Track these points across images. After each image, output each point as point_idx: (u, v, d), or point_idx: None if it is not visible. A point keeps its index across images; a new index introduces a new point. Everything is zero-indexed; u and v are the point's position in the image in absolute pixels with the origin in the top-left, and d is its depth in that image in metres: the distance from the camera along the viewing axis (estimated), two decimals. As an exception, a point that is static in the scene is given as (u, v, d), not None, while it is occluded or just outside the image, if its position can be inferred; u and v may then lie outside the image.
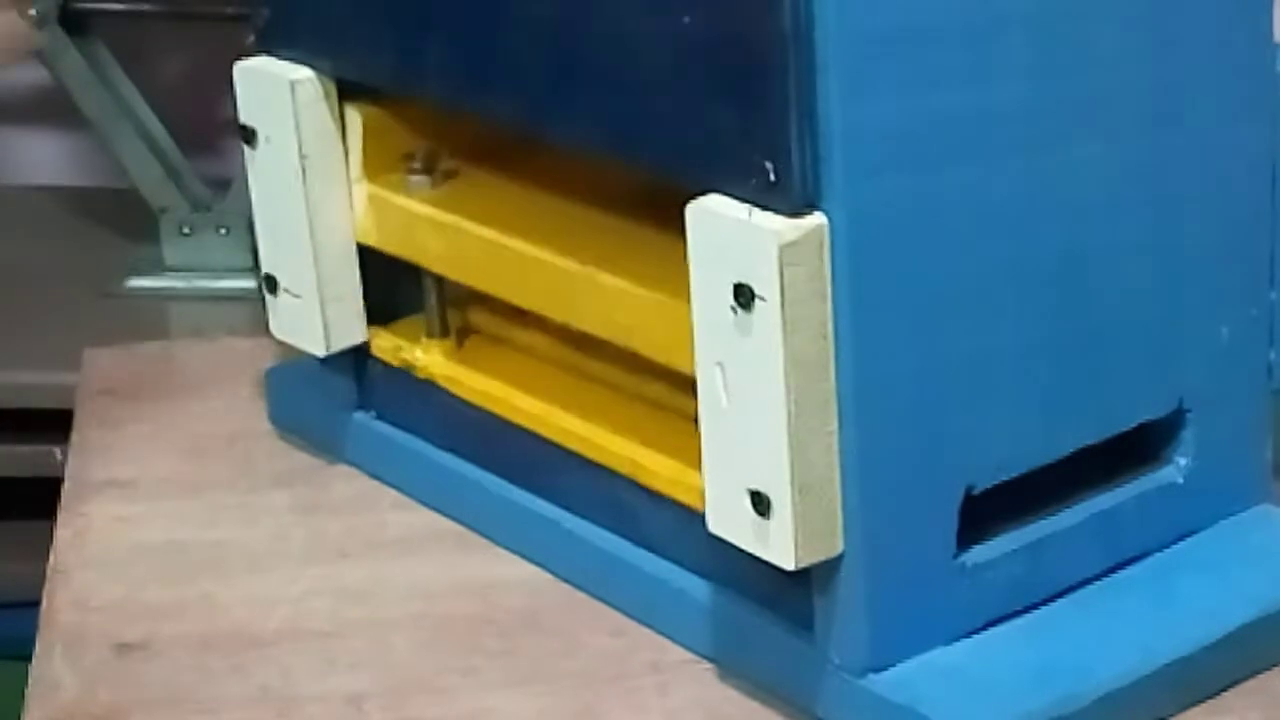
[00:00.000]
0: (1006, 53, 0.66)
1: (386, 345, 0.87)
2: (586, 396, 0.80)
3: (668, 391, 0.73)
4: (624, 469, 0.77)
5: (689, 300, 0.67)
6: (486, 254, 0.79)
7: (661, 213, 0.69)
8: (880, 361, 0.66)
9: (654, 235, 0.71)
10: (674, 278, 0.68)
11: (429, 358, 0.85)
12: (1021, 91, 0.67)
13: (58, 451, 0.95)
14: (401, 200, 0.83)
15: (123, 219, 1.50)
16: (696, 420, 0.69)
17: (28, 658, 0.78)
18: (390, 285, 0.86)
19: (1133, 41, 0.69)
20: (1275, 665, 0.72)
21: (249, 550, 0.85)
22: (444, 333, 0.86)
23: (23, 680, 0.76)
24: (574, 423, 0.79)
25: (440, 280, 0.85)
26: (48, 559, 0.84)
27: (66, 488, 0.89)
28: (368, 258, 0.86)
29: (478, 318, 0.86)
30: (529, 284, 0.78)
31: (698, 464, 0.70)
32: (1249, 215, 0.75)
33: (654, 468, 0.75)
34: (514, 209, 0.79)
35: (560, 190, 0.78)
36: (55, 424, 1.00)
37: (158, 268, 1.44)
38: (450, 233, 0.81)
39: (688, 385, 0.69)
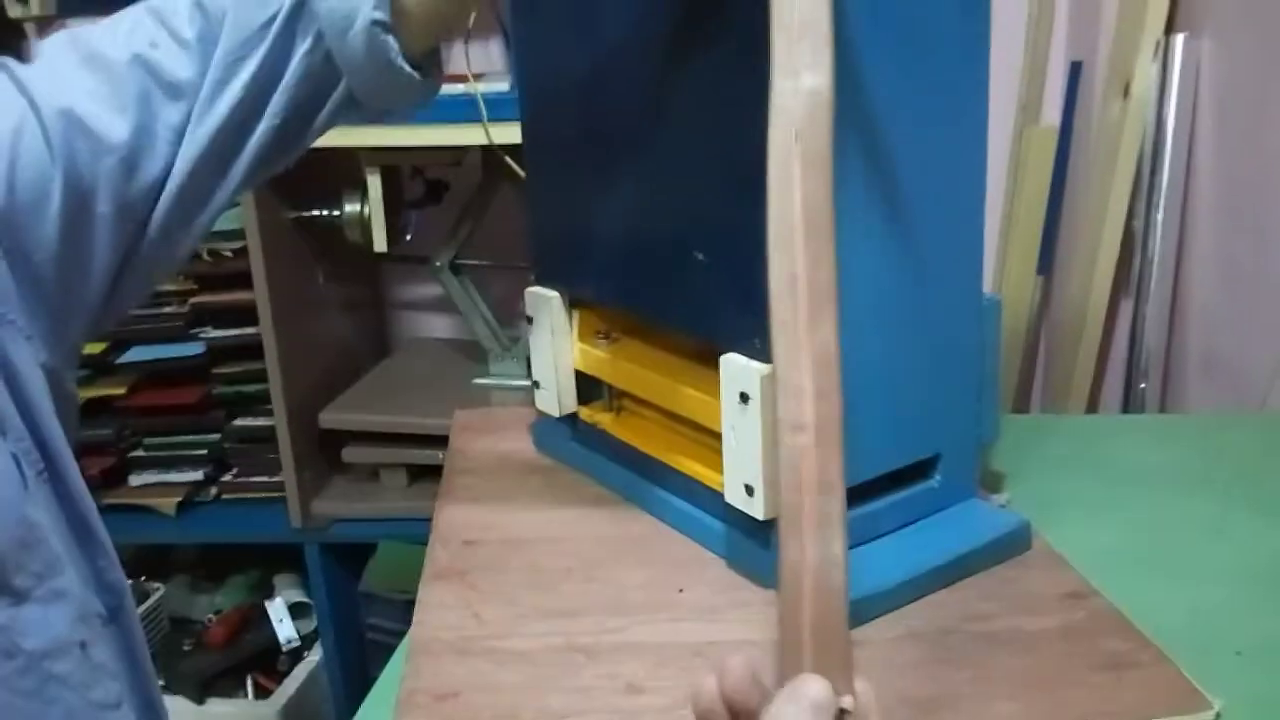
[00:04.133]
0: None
1: (586, 413, 0.86)
2: (675, 440, 0.79)
3: (710, 439, 0.72)
4: (691, 472, 0.76)
5: (719, 398, 0.67)
6: (630, 374, 0.79)
7: (709, 359, 0.68)
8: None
9: (705, 369, 0.71)
10: (714, 388, 0.68)
11: (604, 419, 0.85)
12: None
13: (440, 454, 0.95)
14: (594, 350, 0.83)
15: (472, 354, 1.51)
16: (722, 452, 0.68)
17: (424, 543, 0.78)
18: (588, 386, 0.86)
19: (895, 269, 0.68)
20: (972, 575, 0.70)
21: (526, 499, 0.83)
22: (611, 408, 0.86)
23: (420, 557, 0.76)
24: (670, 453, 0.78)
25: (609, 385, 0.85)
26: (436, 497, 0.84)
27: (445, 473, 0.89)
28: (579, 375, 0.85)
29: (625, 402, 0.86)
30: (649, 388, 0.78)
31: (722, 470, 0.69)
32: (969, 372, 0.73)
33: (703, 472, 0.75)
34: (642, 355, 0.79)
35: (663, 346, 0.78)
36: (441, 442, 1.00)
37: (487, 374, 1.45)
38: (613, 365, 0.81)
39: (718, 436, 0.69)
